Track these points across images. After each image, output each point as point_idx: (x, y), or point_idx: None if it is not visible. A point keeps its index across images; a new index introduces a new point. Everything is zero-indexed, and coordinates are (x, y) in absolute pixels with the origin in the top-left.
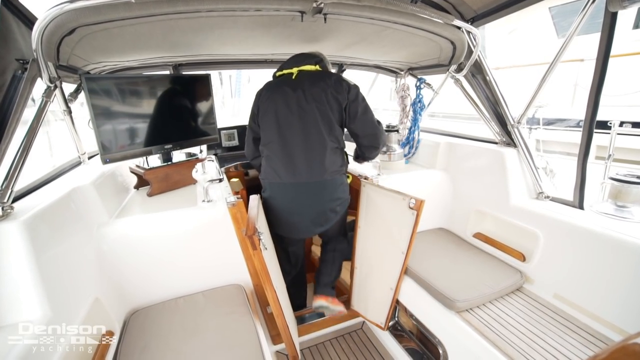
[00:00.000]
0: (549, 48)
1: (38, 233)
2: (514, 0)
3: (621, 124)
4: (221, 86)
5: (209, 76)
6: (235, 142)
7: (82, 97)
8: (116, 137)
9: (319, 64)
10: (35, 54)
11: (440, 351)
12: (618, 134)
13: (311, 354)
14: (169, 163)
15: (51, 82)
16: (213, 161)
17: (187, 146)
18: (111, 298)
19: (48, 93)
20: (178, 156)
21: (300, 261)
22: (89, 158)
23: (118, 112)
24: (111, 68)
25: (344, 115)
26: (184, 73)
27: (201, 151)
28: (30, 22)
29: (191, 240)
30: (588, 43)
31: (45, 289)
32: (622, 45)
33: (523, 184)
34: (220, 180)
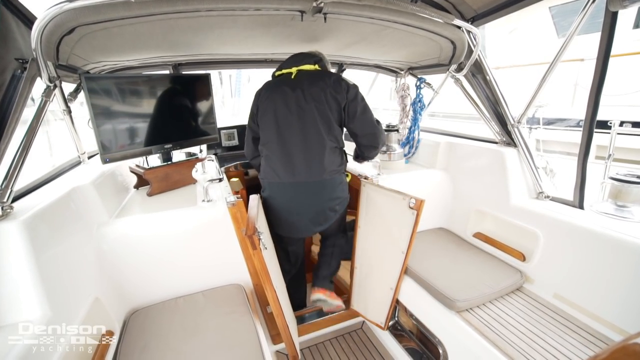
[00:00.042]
0: (549, 48)
1: (38, 233)
2: None
3: (621, 124)
4: (221, 86)
5: (209, 76)
6: (235, 142)
7: (82, 97)
8: (116, 137)
9: (318, 64)
10: (34, 54)
11: (440, 351)
12: (618, 134)
13: (311, 354)
14: (169, 163)
15: (51, 82)
16: (213, 161)
17: (187, 146)
18: (111, 298)
19: (47, 92)
20: (178, 156)
21: (300, 260)
22: (89, 158)
23: (118, 112)
24: (111, 67)
25: (343, 114)
26: (184, 73)
27: (201, 151)
28: (29, 22)
29: (191, 240)
30: (588, 43)
31: (45, 289)
32: (623, 44)
33: (523, 184)
34: (220, 180)
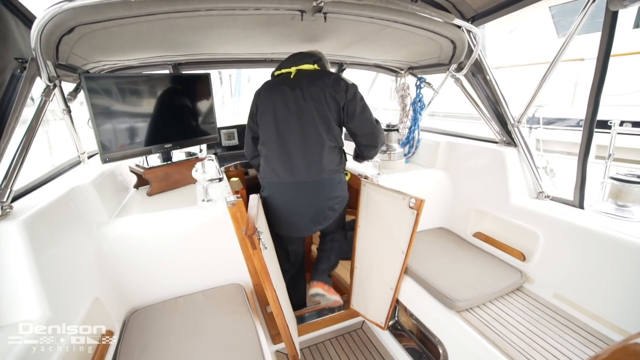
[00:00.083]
0: (549, 47)
1: (37, 232)
2: None
3: (621, 124)
4: (221, 85)
5: (209, 75)
6: (235, 142)
7: (82, 97)
8: (116, 137)
9: (317, 63)
10: (34, 53)
11: (440, 351)
12: (618, 134)
13: (311, 354)
14: (169, 162)
15: (50, 81)
16: (213, 160)
17: (187, 145)
18: (111, 298)
19: (47, 92)
20: (178, 155)
21: (299, 260)
22: (89, 157)
23: (118, 112)
24: (110, 67)
25: (342, 114)
26: (184, 72)
27: (201, 150)
28: (29, 21)
29: (191, 239)
30: (588, 42)
31: (44, 289)
32: (623, 44)
33: (523, 184)
34: (220, 179)
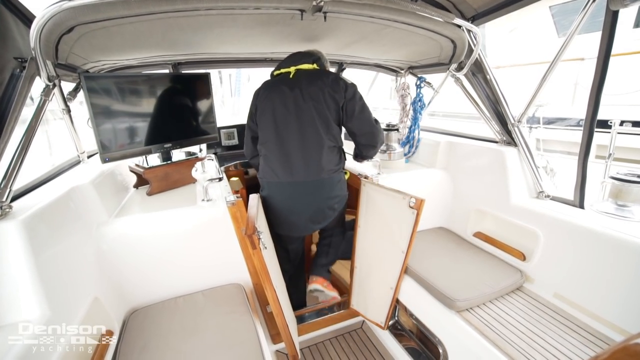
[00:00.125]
0: (550, 47)
1: (37, 232)
2: None
3: (622, 123)
4: (221, 85)
5: (209, 75)
6: (234, 141)
7: (81, 96)
8: (115, 136)
9: (317, 63)
10: (33, 53)
11: (440, 350)
12: (618, 133)
13: (311, 354)
14: (169, 162)
15: (50, 81)
16: (213, 160)
17: (187, 145)
18: (110, 297)
19: (47, 92)
20: (178, 155)
21: (299, 259)
22: (88, 157)
23: (117, 111)
24: (110, 67)
25: (342, 113)
26: (184, 72)
27: (201, 150)
28: (28, 20)
29: (191, 239)
30: (589, 42)
31: (44, 289)
32: (623, 44)
33: (523, 183)
34: (219, 179)
